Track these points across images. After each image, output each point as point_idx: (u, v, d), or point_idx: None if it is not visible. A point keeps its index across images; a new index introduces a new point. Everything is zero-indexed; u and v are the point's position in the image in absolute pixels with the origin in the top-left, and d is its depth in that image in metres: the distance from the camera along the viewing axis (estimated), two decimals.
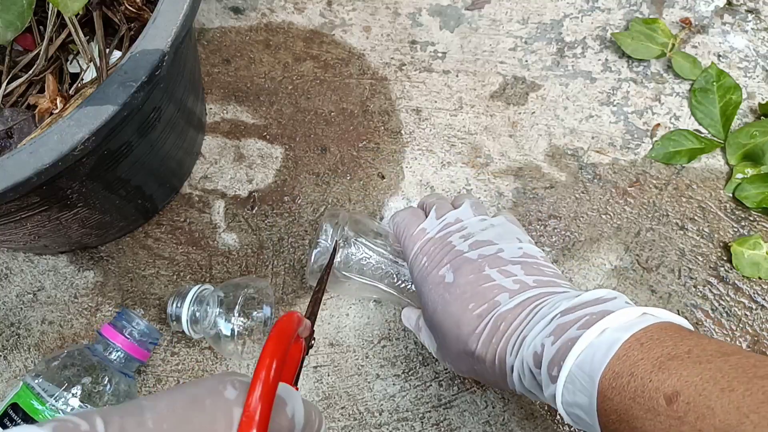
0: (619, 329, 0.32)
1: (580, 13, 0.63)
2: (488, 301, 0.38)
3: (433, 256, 0.43)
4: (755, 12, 0.63)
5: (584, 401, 0.31)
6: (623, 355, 0.30)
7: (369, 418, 0.50)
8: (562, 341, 0.33)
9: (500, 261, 0.40)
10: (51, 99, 0.41)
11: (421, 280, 0.43)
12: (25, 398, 0.43)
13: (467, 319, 0.39)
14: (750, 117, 0.59)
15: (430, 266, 0.43)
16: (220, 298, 0.47)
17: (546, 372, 0.33)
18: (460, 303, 0.39)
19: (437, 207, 0.46)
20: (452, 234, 0.43)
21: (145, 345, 0.47)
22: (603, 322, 0.32)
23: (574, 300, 0.35)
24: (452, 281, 0.41)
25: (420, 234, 0.45)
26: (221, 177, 0.57)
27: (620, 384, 0.30)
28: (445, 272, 0.41)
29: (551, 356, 0.33)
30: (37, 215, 0.41)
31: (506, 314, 0.37)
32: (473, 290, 0.39)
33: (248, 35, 0.62)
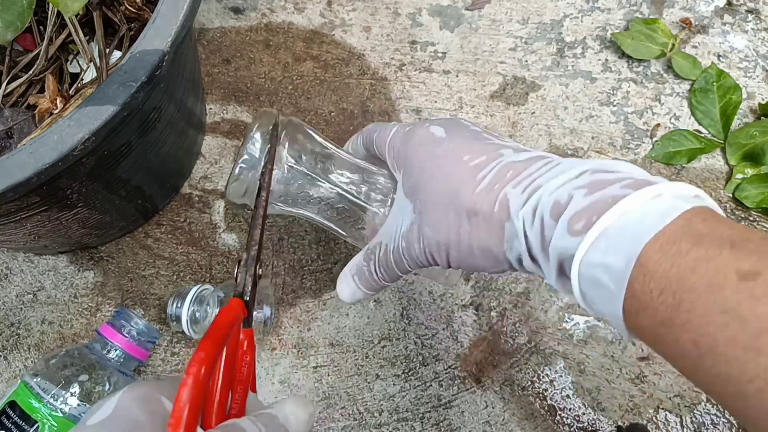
0: (677, 197, 0.26)
1: (580, 13, 0.63)
2: (489, 153, 0.33)
3: (418, 123, 0.38)
4: (755, 12, 0.63)
5: (617, 262, 0.26)
6: (683, 224, 0.25)
7: (369, 418, 0.50)
8: (601, 196, 0.27)
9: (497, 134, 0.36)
10: (51, 99, 0.41)
11: (404, 144, 0.37)
12: (23, 397, 0.43)
13: (462, 170, 0.33)
14: (750, 117, 0.59)
15: (414, 127, 0.37)
16: (220, 298, 0.47)
17: (566, 224, 0.28)
18: (453, 155, 0.34)
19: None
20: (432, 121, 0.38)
21: (143, 344, 0.47)
22: (655, 187, 0.27)
23: (605, 162, 0.30)
24: (444, 136, 0.35)
25: (395, 125, 0.40)
26: (221, 177, 0.57)
27: (676, 250, 0.25)
28: (435, 129, 0.36)
29: (580, 208, 0.28)
30: (37, 215, 0.41)
31: (515, 164, 0.32)
32: (469, 145, 0.34)
33: (248, 35, 0.62)
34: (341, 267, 0.54)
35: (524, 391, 0.51)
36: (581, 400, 0.50)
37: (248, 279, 0.33)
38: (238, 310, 0.29)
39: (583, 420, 0.50)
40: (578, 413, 0.50)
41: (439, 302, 0.53)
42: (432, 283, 0.54)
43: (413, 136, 0.36)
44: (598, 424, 0.50)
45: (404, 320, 0.52)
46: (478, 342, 0.52)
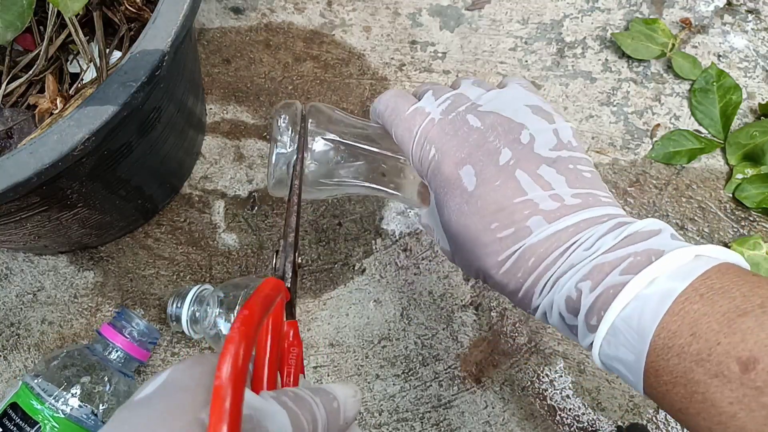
0: (672, 277, 0.27)
1: (580, 14, 0.63)
2: (516, 224, 0.31)
3: (445, 144, 0.34)
4: (755, 12, 0.63)
5: (629, 358, 0.27)
6: (680, 310, 0.26)
7: (369, 419, 0.50)
8: (603, 288, 0.28)
9: (533, 159, 0.32)
10: (51, 99, 0.41)
11: (432, 177, 0.34)
12: (25, 398, 0.43)
13: (488, 241, 0.32)
14: (750, 117, 0.59)
15: (442, 158, 0.34)
16: (220, 298, 0.47)
17: (583, 321, 0.29)
18: (480, 219, 0.32)
19: (433, 90, 0.37)
20: (465, 113, 0.34)
21: (144, 345, 0.47)
22: (652, 269, 0.27)
23: (618, 232, 0.30)
24: (473, 189, 0.32)
25: (416, 116, 0.35)
26: (221, 177, 0.57)
27: (678, 345, 0.26)
28: (463, 173, 0.33)
29: (589, 305, 0.29)
30: (37, 215, 0.41)
31: (537, 247, 0.31)
32: (499, 205, 0.32)
33: (248, 35, 0.62)
34: (341, 267, 0.54)
35: (524, 391, 0.51)
36: (581, 400, 0.50)
37: (288, 266, 0.31)
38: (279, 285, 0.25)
39: (583, 420, 0.50)
40: (578, 413, 0.50)
41: (439, 302, 0.53)
42: (432, 283, 0.54)
43: (442, 174, 0.34)
44: (598, 424, 0.50)
45: (404, 320, 0.53)
46: (478, 342, 0.52)
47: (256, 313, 0.21)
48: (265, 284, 0.24)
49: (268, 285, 0.24)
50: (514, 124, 0.33)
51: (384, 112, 0.37)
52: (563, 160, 0.33)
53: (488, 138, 0.33)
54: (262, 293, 0.23)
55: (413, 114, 0.35)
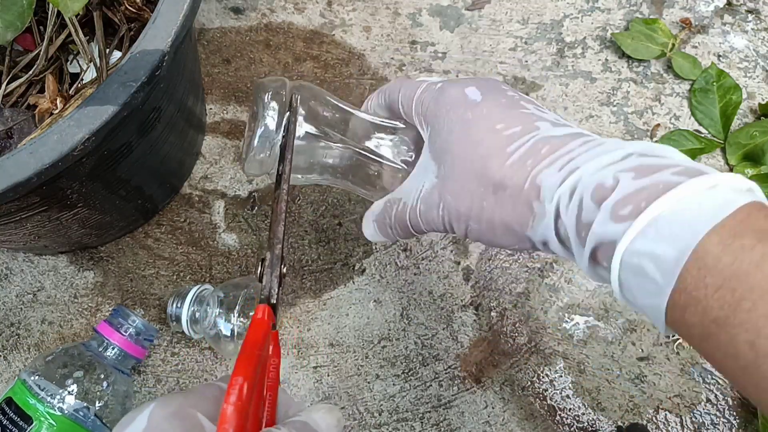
0: (735, 189, 0.25)
1: (580, 14, 0.63)
2: (524, 124, 0.31)
3: (451, 81, 0.35)
4: (755, 12, 0.63)
5: (669, 253, 0.24)
6: (743, 218, 0.23)
7: (369, 419, 0.50)
8: (652, 181, 0.25)
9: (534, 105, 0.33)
10: (51, 99, 0.41)
11: (434, 103, 0.34)
12: (21, 394, 0.43)
13: (493, 139, 0.31)
14: (750, 117, 0.59)
15: (447, 86, 0.34)
16: (220, 298, 0.47)
17: (611, 208, 0.26)
18: (485, 122, 0.31)
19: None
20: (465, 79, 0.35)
21: (141, 342, 0.47)
22: (710, 177, 0.25)
23: (651, 145, 0.28)
24: (478, 100, 0.32)
25: (423, 81, 0.37)
26: (221, 177, 0.57)
27: (739, 245, 0.23)
28: (469, 92, 0.33)
29: (628, 192, 0.26)
30: (37, 215, 0.41)
31: (551, 139, 0.29)
32: (505, 113, 0.31)
33: (248, 35, 0.62)
34: (341, 267, 0.54)
35: (524, 391, 0.51)
36: (581, 400, 0.50)
37: (274, 280, 0.31)
38: (268, 319, 0.27)
39: (583, 420, 0.50)
40: (578, 413, 0.50)
41: (439, 302, 0.53)
42: (432, 283, 0.54)
43: (445, 95, 0.34)
44: (598, 424, 0.50)
45: (404, 320, 0.53)
46: (478, 342, 0.52)
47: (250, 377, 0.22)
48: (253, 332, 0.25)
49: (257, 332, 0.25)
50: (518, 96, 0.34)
51: (393, 85, 0.38)
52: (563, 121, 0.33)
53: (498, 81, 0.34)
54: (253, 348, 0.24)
55: (420, 81, 0.37)
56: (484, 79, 0.35)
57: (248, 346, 0.24)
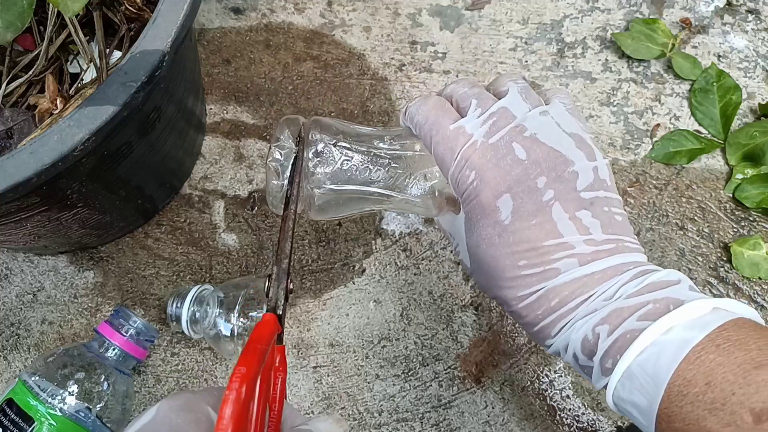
0: (689, 327, 0.28)
1: (580, 14, 0.63)
2: (545, 264, 0.32)
3: (486, 173, 0.33)
4: (755, 12, 0.63)
5: (642, 403, 0.28)
6: (696, 359, 0.27)
7: (369, 419, 0.50)
8: (620, 333, 0.29)
9: (572, 200, 0.32)
10: (51, 99, 0.41)
11: (468, 201, 0.34)
12: (21, 395, 0.43)
13: (513, 276, 0.32)
14: (750, 117, 0.59)
15: (481, 187, 0.33)
16: (220, 298, 0.47)
17: (599, 364, 0.30)
18: (510, 253, 0.32)
19: (478, 99, 0.34)
20: (509, 139, 0.33)
21: (141, 343, 0.47)
22: (670, 317, 0.28)
23: (641, 280, 0.31)
24: (508, 223, 0.32)
25: (459, 135, 0.34)
26: (221, 177, 0.57)
27: (693, 393, 0.26)
28: (501, 204, 0.32)
29: (606, 348, 0.30)
30: (37, 215, 0.41)
31: (563, 290, 0.31)
32: (532, 244, 0.32)
33: (248, 35, 0.62)
34: (341, 267, 0.54)
35: (524, 391, 0.51)
36: (581, 400, 0.50)
37: (281, 293, 0.32)
38: (274, 324, 0.28)
39: (583, 420, 0.50)
40: (578, 413, 0.50)
41: (439, 302, 0.53)
42: (432, 283, 0.54)
43: (479, 202, 0.33)
44: (597, 425, 0.50)
45: (404, 320, 0.53)
46: (477, 342, 0.52)
47: (252, 369, 0.22)
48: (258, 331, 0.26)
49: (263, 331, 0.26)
50: (559, 160, 0.33)
51: (423, 124, 0.35)
52: (599, 202, 0.33)
53: (530, 174, 0.32)
54: (257, 344, 0.24)
55: (455, 134, 0.34)
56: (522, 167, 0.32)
57: (252, 341, 0.25)
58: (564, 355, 0.33)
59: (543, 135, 0.33)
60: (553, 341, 0.33)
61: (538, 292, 0.32)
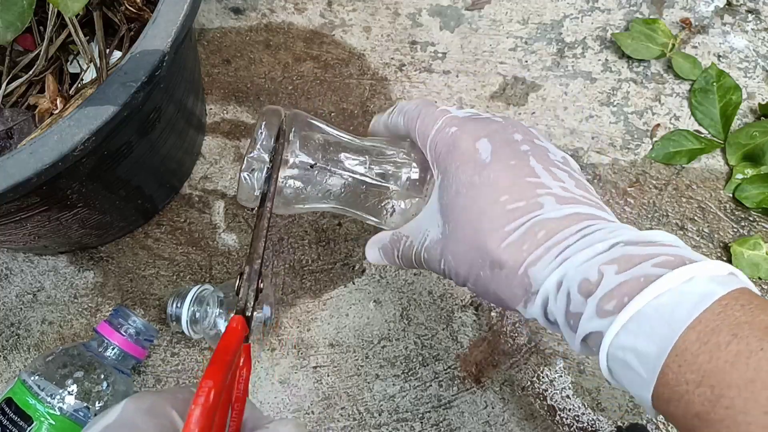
0: (710, 281, 0.26)
1: (580, 14, 0.63)
2: (528, 198, 0.31)
3: (466, 125, 0.35)
4: (755, 12, 0.63)
5: (650, 349, 0.25)
6: (720, 311, 0.25)
7: (369, 419, 0.50)
8: (633, 275, 0.27)
9: (546, 158, 0.33)
10: (51, 99, 0.41)
11: (446, 152, 0.34)
12: (20, 394, 0.43)
13: (496, 213, 0.31)
14: (750, 117, 0.59)
15: (460, 134, 0.34)
16: (220, 298, 0.47)
17: (596, 305, 0.27)
18: (491, 190, 0.32)
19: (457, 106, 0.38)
20: (488, 118, 0.36)
21: (141, 343, 0.47)
22: (690, 268, 0.26)
23: (638, 233, 0.29)
24: (488, 161, 0.33)
25: (444, 113, 0.36)
26: (221, 177, 0.57)
27: (715, 342, 0.24)
28: (480, 146, 0.33)
29: (611, 287, 0.27)
30: (36, 215, 0.41)
31: (549, 222, 0.30)
32: (512, 180, 0.32)
33: (248, 35, 0.62)
34: (341, 267, 0.54)
35: (524, 391, 0.51)
36: (581, 400, 0.50)
37: (251, 294, 0.32)
38: (242, 329, 0.28)
39: (583, 420, 0.50)
40: (578, 413, 0.50)
41: (439, 302, 0.53)
42: (432, 283, 0.54)
43: (457, 148, 0.34)
44: (597, 425, 0.50)
45: (404, 320, 0.53)
46: (477, 342, 0.52)
47: (219, 381, 0.23)
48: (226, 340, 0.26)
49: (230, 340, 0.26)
50: (532, 133, 0.35)
51: (412, 109, 0.38)
52: (572, 173, 0.33)
53: (508, 129, 0.34)
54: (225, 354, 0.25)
55: (442, 111, 0.37)
56: (499, 124, 0.35)
57: (219, 352, 0.25)
58: (552, 301, 0.30)
59: (515, 124, 0.36)
60: (541, 281, 0.30)
61: (524, 226, 0.30)
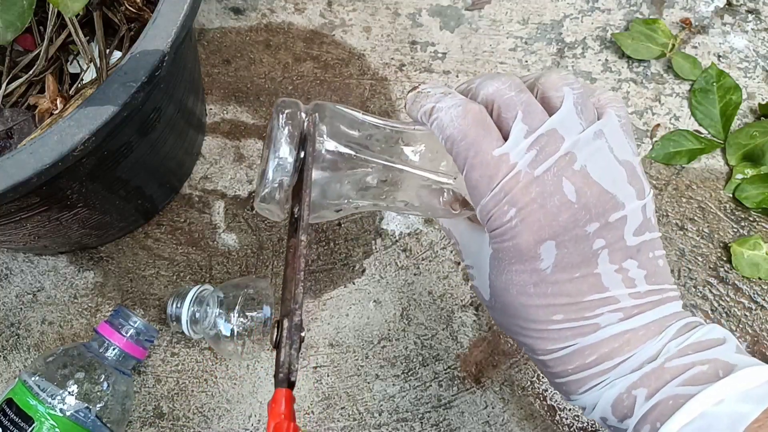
0: (743, 399, 0.25)
1: (580, 14, 0.63)
2: (585, 320, 0.29)
3: (529, 215, 0.28)
4: (755, 12, 0.63)
5: None
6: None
7: (368, 419, 0.50)
8: (660, 398, 0.27)
9: (620, 246, 0.29)
10: (51, 99, 0.41)
11: (501, 242, 0.29)
12: (21, 395, 0.43)
13: (545, 328, 0.29)
14: (750, 117, 0.59)
15: (521, 228, 0.28)
16: (220, 298, 0.47)
17: (633, 429, 0.28)
18: (545, 305, 0.29)
19: (525, 113, 0.28)
20: (557, 172, 0.28)
21: (141, 343, 0.47)
22: (720, 386, 0.25)
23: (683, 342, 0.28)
24: (548, 273, 0.28)
25: (501, 164, 0.28)
26: (221, 177, 0.57)
27: None
28: (543, 252, 0.28)
29: (643, 413, 0.27)
30: (36, 216, 0.41)
31: (602, 345, 0.29)
32: (572, 299, 0.29)
33: (248, 36, 0.62)
34: (341, 267, 0.54)
35: (524, 391, 0.51)
36: None
37: (293, 354, 0.26)
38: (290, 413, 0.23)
39: (583, 420, 0.50)
40: (578, 413, 0.50)
41: (438, 302, 0.53)
42: (432, 283, 0.54)
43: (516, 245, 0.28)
44: (597, 425, 0.50)
45: (404, 320, 0.53)
46: (477, 342, 0.52)
47: None
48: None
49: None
50: (610, 204, 0.28)
51: (458, 141, 0.29)
52: (645, 247, 0.29)
53: (579, 221, 0.28)
54: None
55: (497, 162, 0.28)
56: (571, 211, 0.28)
57: None
58: (590, 412, 0.30)
59: (594, 168, 0.28)
60: (579, 397, 0.30)
61: (572, 347, 0.29)
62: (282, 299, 0.28)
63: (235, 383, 0.51)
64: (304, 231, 0.29)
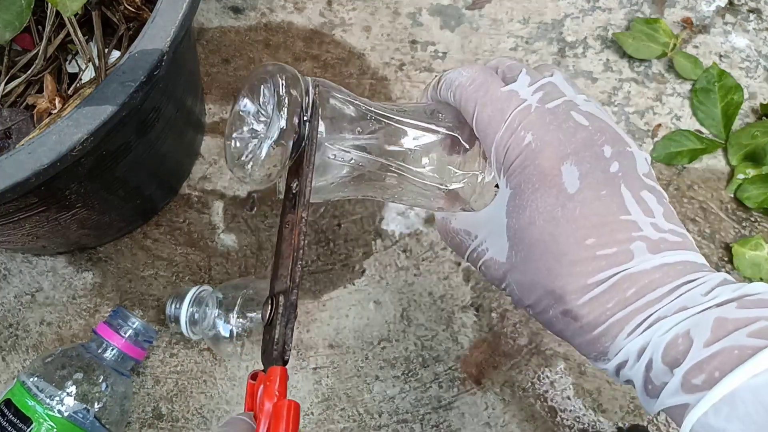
0: None
1: (582, 13, 0.63)
2: (619, 244, 0.27)
3: (546, 134, 0.28)
4: (757, 12, 0.63)
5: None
6: None
7: (368, 420, 0.50)
8: (723, 345, 0.24)
9: (636, 180, 0.28)
10: (49, 99, 0.41)
11: (520, 169, 0.28)
12: (19, 396, 0.43)
13: (579, 258, 0.27)
14: (751, 117, 0.59)
15: (541, 147, 0.28)
16: (219, 299, 0.47)
17: (682, 376, 0.25)
18: (575, 229, 0.27)
19: (527, 70, 0.30)
20: (566, 107, 0.29)
21: (140, 344, 0.47)
22: None
23: (736, 288, 0.26)
24: (574, 191, 0.27)
25: (511, 98, 0.29)
26: (220, 177, 0.57)
27: None
28: (566, 170, 0.27)
29: (700, 359, 0.24)
30: (35, 216, 0.41)
31: (642, 277, 0.26)
32: (602, 218, 0.27)
33: (248, 35, 0.62)
34: (341, 268, 0.54)
35: (525, 392, 0.50)
36: (582, 401, 0.50)
37: (288, 333, 0.26)
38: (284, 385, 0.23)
39: (584, 421, 0.50)
40: (579, 414, 0.50)
41: (439, 303, 0.53)
42: (432, 284, 0.54)
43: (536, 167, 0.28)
44: (598, 426, 0.50)
45: (404, 321, 0.52)
46: (478, 343, 0.52)
47: None
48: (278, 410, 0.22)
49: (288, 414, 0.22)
50: (617, 136, 0.29)
51: (467, 85, 0.30)
52: (656, 189, 0.29)
53: (596, 140, 0.28)
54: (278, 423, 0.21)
55: (507, 96, 0.29)
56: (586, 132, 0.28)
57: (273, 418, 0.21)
58: (631, 366, 0.27)
59: (596, 112, 0.29)
60: (623, 344, 0.27)
61: (611, 279, 0.26)
62: (274, 275, 0.27)
63: (235, 384, 0.50)
64: (305, 207, 0.27)
